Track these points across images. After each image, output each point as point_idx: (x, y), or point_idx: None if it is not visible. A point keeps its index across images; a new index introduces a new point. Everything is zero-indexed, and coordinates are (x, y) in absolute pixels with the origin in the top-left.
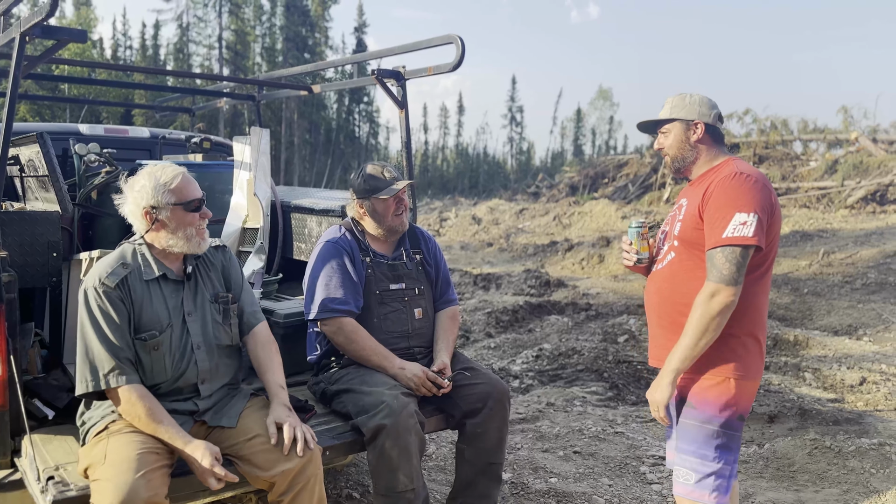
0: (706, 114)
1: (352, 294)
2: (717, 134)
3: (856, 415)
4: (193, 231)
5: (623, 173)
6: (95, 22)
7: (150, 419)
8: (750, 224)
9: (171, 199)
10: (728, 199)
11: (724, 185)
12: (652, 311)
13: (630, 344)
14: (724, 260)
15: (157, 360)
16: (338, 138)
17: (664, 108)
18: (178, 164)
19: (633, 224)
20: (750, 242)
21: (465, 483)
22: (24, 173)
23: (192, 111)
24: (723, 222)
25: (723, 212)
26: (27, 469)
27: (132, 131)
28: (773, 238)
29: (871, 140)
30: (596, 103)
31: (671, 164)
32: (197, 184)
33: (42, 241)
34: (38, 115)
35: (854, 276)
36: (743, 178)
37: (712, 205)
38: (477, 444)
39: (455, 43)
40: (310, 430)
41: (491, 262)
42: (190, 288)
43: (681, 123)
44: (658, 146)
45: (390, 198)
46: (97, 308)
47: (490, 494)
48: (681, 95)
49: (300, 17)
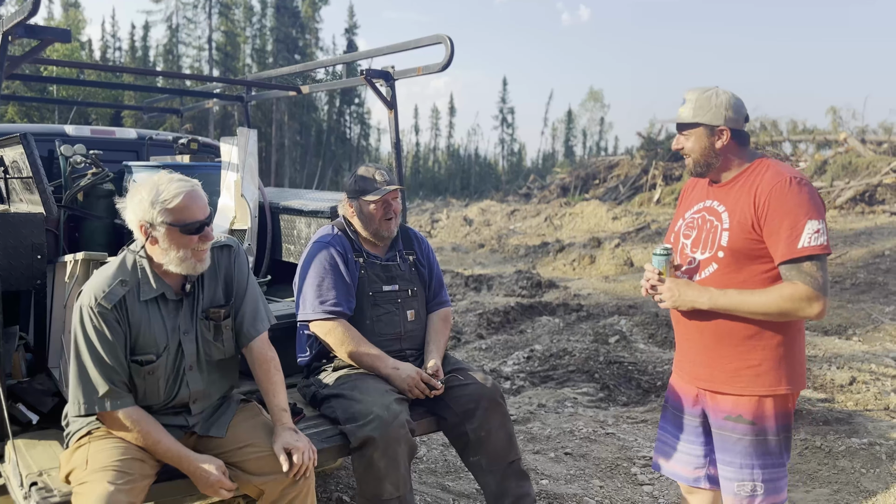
0: (733, 118)
1: (344, 296)
2: (743, 137)
3: (846, 414)
4: (189, 253)
5: (614, 174)
6: (84, 23)
7: (147, 441)
8: (822, 232)
9: (167, 217)
10: (794, 207)
11: (782, 192)
12: (690, 328)
13: (621, 345)
14: (817, 269)
15: (150, 384)
16: (328, 140)
17: (686, 105)
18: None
19: (658, 252)
20: (827, 252)
21: (496, 495)
22: (8, 175)
23: (181, 112)
24: (794, 231)
25: (791, 219)
26: (10, 475)
27: (119, 132)
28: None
29: (860, 141)
30: (587, 104)
31: (692, 168)
32: (204, 203)
33: (26, 244)
34: (26, 117)
35: (844, 276)
36: (798, 183)
37: (776, 213)
38: (488, 450)
39: (444, 43)
40: (314, 449)
41: (482, 263)
42: (188, 304)
43: (705, 128)
44: (677, 147)
45: (378, 201)
46: (92, 329)
47: (527, 493)
48: (706, 94)
49: (290, 19)
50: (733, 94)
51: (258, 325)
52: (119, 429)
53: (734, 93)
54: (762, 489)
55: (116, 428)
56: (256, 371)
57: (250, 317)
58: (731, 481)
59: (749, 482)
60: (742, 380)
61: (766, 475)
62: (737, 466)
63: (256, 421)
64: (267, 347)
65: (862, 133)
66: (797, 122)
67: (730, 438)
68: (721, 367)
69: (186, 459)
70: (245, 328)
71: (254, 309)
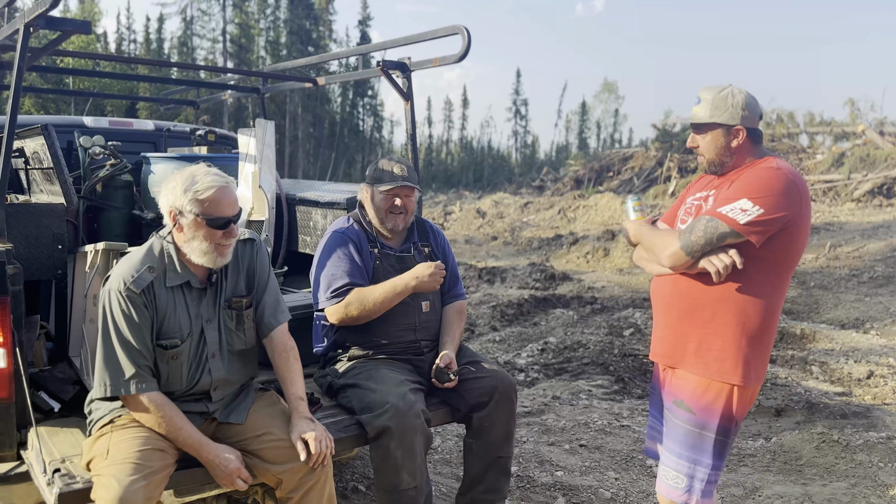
0: (748, 117)
1: (358, 278)
2: (756, 135)
3: (863, 408)
4: (212, 247)
5: (628, 167)
6: (100, 16)
7: (169, 427)
8: (749, 213)
9: (195, 208)
10: (746, 184)
11: (752, 172)
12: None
13: (636, 337)
14: (702, 229)
15: (174, 369)
16: (342, 132)
17: (702, 104)
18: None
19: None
20: (736, 228)
21: (474, 478)
22: (29, 166)
23: (197, 104)
24: (727, 201)
25: (735, 192)
26: (33, 461)
27: (137, 124)
28: (797, 246)
29: (878, 133)
30: (601, 96)
31: (707, 166)
32: (234, 201)
33: (47, 234)
34: (42, 109)
35: (861, 269)
36: (773, 171)
37: (732, 186)
38: (484, 438)
39: (461, 34)
40: (331, 438)
41: (496, 255)
42: (212, 293)
43: (721, 128)
44: (692, 145)
45: (388, 192)
46: (120, 313)
47: (499, 488)
48: (722, 94)
49: (304, 11)
50: (748, 93)
51: (279, 315)
52: (142, 412)
53: (748, 91)
54: (687, 484)
55: (140, 411)
56: (275, 360)
57: (271, 308)
58: (664, 466)
59: (675, 472)
60: (701, 361)
61: (697, 472)
62: (669, 451)
63: (275, 409)
64: (287, 337)
65: (880, 125)
66: (814, 114)
67: (672, 423)
68: (682, 345)
69: (206, 448)
70: (266, 318)
71: (275, 300)
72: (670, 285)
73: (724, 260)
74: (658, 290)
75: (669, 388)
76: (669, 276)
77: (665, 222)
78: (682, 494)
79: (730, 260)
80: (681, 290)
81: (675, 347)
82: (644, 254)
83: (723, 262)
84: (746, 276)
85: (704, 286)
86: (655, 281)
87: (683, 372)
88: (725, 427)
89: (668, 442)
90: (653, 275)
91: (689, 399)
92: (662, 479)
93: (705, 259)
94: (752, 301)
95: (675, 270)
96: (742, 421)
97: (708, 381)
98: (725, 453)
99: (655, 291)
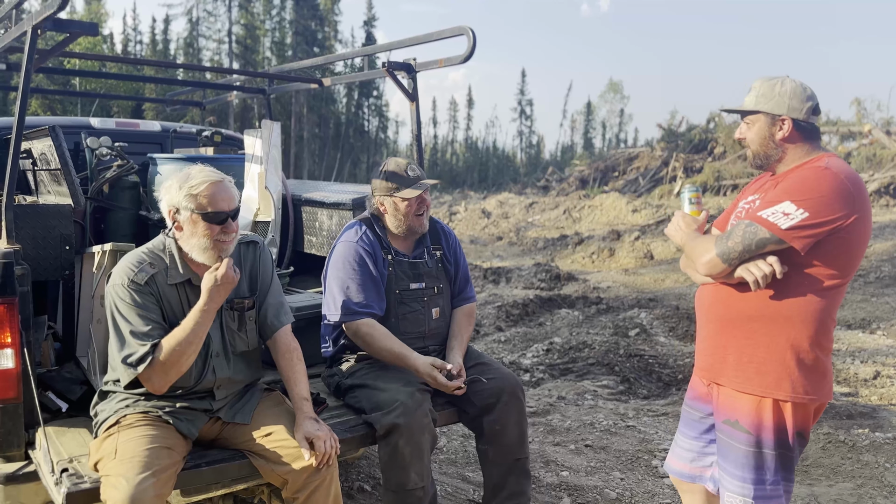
0: (797, 108)
1: (374, 296)
2: (809, 130)
3: (870, 409)
4: (210, 243)
5: (634, 166)
6: (106, 17)
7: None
8: (792, 217)
9: (190, 203)
10: (791, 186)
11: (799, 173)
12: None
13: (641, 338)
14: (741, 235)
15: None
16: (347, 132)
17: (750, 93)
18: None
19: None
20: (778, 234)
21: (496, 485)
22: (37, 167)
23: (203, 105)
24: (770, 204)
25: (779, 194)
26: (41, 461)
27: (143, 125)
28: (852, 253)
29: (885, 132)
30: (606, 96)
31: (752, 159)
32: (230, 197)
33: (55, 235)
34: (49, 110)
35: (868, 269)
36: (822, 171)
37: (777, 188)
38: (499, 442)
39: (466, 34)
40: (336, 438)
41: (501, 255)
42: None
43: (766, 117)
44: (739, 136)
45: (413, 198)
46: (125, 304)
47: (523, 491)
48: (770, 82)
49: (309, 11)
50: (802, 84)
51: (282, 317)
52: (160, 374)
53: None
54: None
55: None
56: (280, 361)
57: (275, 309)
58: (725, 490)
59: (738, 496)
60: (742, 375)
61: (757, 492)
62: (730, 475)
63: (280, 409)
64: (290, 339)
65: (887, 125)
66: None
67: (727, 444)
68: (722, 357)
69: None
70: (270, 320)
71: (278, 302)
72: (711, 294)
73: (763, 269)
74: (700, 299)
75: (719, 408)
76: (711, 285)
77: (717, 227)
78: None
79: (769, 269)
80: (721, 300)
81: (714, 359)
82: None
83: (762, 270)
84: (792, 285)
85: (746, 296)
86: (699, 290)
87: (729, 390)
88: (782, 441)
89: (726, 465)
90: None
91: (744, 418)
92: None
93: (742, 267)
94: (799, 312)
95: (713, 279)
96: (808, 433)
97: (759, 399)
98: (792, 466)
99: (698, 301)
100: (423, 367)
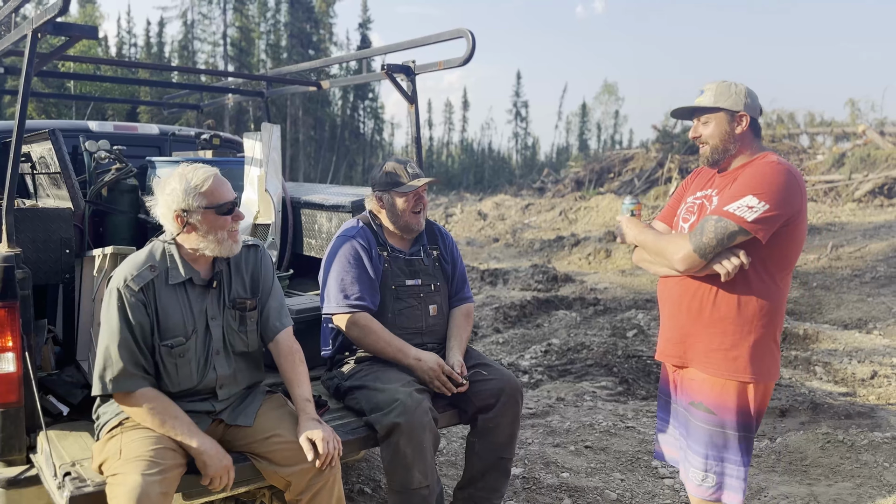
0: (752, 106)
1: (368, 290)
2: (757, 128)
3: (868, 408)
4: (225, 234)
5: (629, 168)
6: (101, 20)
7: (164, 416)
8: (756, 210)
9: (202, 202)
10: (750, 181)
11: (754, 169)
12: (669, 306)
13: (639, 339)
14: (712, 230)
15: (182, 366)
16: (343, 135)
17: (705, 94)
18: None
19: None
20: (745, 226)
21: (474, 476)
22: (36, 170)
23: (200, 108)
24: (732, 199)
25: (740, 190)
26: (43, 465)
27: (142, 128)
28: (797, 241)
29: (879, 133)
30: (601, 98)
31: (709, 155)
32: (229, 186)
33: (55, 238)
34: (44, 113)
35: (863, 269)
36: (776, 166)
37: (735, 184)
38: (488, 439)
39: (466, 37)
40: (338, 439)
41: (497, 257)
42: (216, 293)
43: (725, 114)
44: (694, 135)
45: (409, 194)
46: (117, 310)
47: (498, 488)
48: (725, 83)
49: (304, 14)
50: (748, 87)
51: (283, 319)
52: (133, 406)
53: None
54: (717, 482)
55: (132, 406)
56: (281, 363)
57: (276, 312)
58: (691, 467)
59: (703, 472)
60: (709, 361)
61: (724, 469)
62: (694, 452)
63: (282, 411)
64: (292, 341)
65: (881, 125)
66: (814, 115)
67: (693, 424)
68: (691, 345)
69: (199, 437)
70: (271, 322)
71: (279, 304)
72: (678, 286)
73: (733, 261)
74: (665, 290)
75: (684, 390)
76: (676, 277)
77: (663, 221)
78: (714, 493)
79: (738, 261)
80: (688, 291)
81: (684, 347)
82: (646, 255)
83: (732, 263)
84: (751, 274)
85: (711, 286)
86: (662, 281)
87: (695, 372)
88: (746, 423)
89: (691, 443)
90: (658, 276)
91: (707, 399)
92: (692, 481)
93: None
94: (759, 299)
95: (689, 273)
96: (763, 416)
97: (723, 381)
98: (750, 449)
99: (662, 292)
100: (419, 369)
